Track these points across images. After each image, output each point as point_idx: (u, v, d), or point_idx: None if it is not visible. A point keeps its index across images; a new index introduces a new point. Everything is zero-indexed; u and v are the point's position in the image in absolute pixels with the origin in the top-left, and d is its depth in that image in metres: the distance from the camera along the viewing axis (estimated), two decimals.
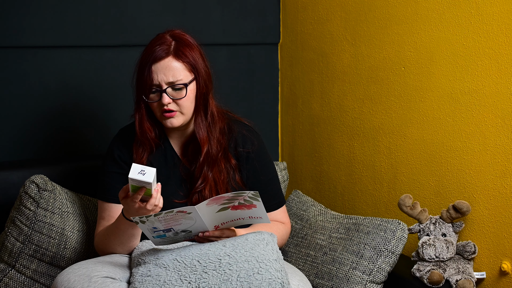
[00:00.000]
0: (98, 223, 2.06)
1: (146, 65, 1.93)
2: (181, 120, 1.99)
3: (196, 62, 1.97)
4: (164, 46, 1.94)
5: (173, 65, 1.94)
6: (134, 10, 2.60)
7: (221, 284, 1.75)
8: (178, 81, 1.94)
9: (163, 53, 1.93)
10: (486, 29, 2.03)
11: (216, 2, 2.76)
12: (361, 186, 2.55)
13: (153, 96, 1.96)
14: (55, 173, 2.28)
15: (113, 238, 1.97)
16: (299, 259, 2.22)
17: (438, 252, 2.09)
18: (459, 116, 2.14)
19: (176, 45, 1.96)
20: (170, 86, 1.94)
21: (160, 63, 1.93)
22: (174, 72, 1.94)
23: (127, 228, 1.93)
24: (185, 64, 1.96)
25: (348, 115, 2.58)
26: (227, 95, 2.19)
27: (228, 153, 2.06)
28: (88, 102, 2.57)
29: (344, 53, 2.57)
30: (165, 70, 1.93)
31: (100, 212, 2.06)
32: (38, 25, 2.44)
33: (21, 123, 2.46)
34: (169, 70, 1.93)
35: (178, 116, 1.98)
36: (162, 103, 1.94)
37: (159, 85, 1.94)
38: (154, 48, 1.94)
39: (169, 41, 1.96)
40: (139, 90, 1.97)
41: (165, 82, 1.93)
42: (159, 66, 1.93)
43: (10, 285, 2.07)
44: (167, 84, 1.94)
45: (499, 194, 2.04)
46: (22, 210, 2.08)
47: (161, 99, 1.94)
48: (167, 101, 1.94)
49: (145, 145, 2.03)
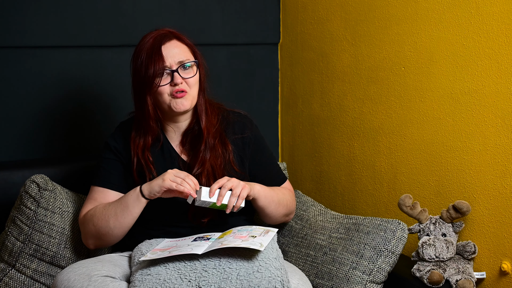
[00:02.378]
0: (88, 203, 2.07)
1: (152, 51, 1.98)
2: (190, 101, 2.03)
3: (194, 47, 2.07)
4: (163, 33, 2.02)
5: (179, 47, 2.02)
6: (134, 10, 2.60)
7: (221, 283, 1.75)
8: (186, 60, 2.01)
9: (167, 36, 2.02)
10: (486, 29, 2.03)
11: (216, 2, 2.76)
12: (361, 186, 2.55)
13: (163, 80, 2.00)
14: (56, 173, 2.29)
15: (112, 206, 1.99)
16: (299, 259, 2.22)
17: (438, 252, 2.09)
18: (459, 116, 2.14)
19: (172, 32, 2.05)
20: (181, 65, 2.00)
21: (167, 44, 2.00)
22: (181, 52, 2.02)
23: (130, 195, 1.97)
24: (188, 47, 2.05)
25: (348, 115, 2.58)
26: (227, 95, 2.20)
27: (225, 139, 2.10)
28: (88, 102, 2.58)
29: (344, 53, 2.57)
30: (174, 51, 2.00)
31: (92, 194, 2.08)
32: (38, 25, 2.44)
33: (21, 123, 2.47)
34: (177, 51, 2.01)
35: (187, 97, 2.02)
36: (175, 82, 1.99)
37: (169, 66, 1.99)
38: (153, 36, 2.01)
39: (165, 30, 2.05)
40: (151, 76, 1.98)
41: (175, 63, 1.99)
42: (168, 47, 2.00)
43: (10, 284, 2.07)
44: (177, 64, 1.99)
45: (499, 194, 2.04)
46: (23, 209, 2.09)
47: (173, 79, 1.99)
48: (180, 80, 1.99)
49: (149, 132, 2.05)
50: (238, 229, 1.91)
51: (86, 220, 2.03)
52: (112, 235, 2.00)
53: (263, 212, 2.11)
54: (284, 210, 2.17)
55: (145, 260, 1.84)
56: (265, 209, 2.10)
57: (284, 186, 2.25)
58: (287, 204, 2.19)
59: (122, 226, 1.99)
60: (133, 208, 1.97)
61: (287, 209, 2.19)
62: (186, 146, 2.09)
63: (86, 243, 2.06)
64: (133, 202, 1.97)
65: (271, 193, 2.11)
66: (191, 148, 2.08)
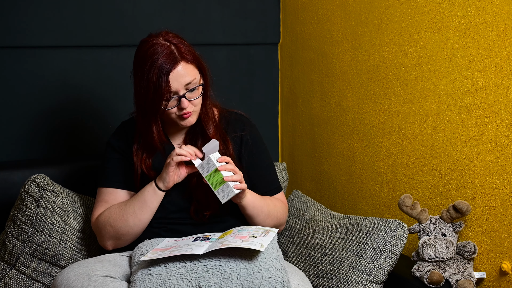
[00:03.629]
0: (99, 206, 2.07)
1: (160, 77, 1.92)
2: (196, 117, 2.03)
3: (197, 57, 2.00)
4: (170, 55, 1.93)
5: (186, 69, 1.95)
6: (134, 10, 2.60)
7: (221, 283, 1.75)
8: (193, 80, 1.96)
9: (174, 60, 1.93)
10: (486, 29, 2.03)
11: (216, 2, 2.76)
12: (361, 186, 2.55)
13: (170, 103, 1.97)
14: (56, 173, 2.29)
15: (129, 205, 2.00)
16: (299, 259, 2.22)
17: (438, 252, 2.09)
18: (459, 116, 2.14)
19: (176, 48, 1.95)
20: (187, 90, 1.96)
21: (175, 71, 1.93)
22: (188, 75, 1.95)
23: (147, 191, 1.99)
24: (193, 64, 1.97)
25: (348, 115, 2.58)
26: (227, 95, 2.20)
27: (225, 136, 2.10)
28: (88, 102, 2.58)
29: (344, 53, 2.57)
30: (181, 77, 1.94)
31: (102, 196, 2.08)
32: (38, 25, 2.44)
33: (21, 123, 2.47)
34: (184, 75, 1.95)
35: (193, 115, 2.02)
36: (181, 107, 1.96)
37: (176, 91, 1.95)
38: (159, 59, 1.92)
39: (167, 46, 1.95)
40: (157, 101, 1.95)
41: (182, 87, 1.95)
42: (175, 74, 1.93)
43: (10, 284, 2.07)
44: (184, 89, 1.95)
45: (499, 194, 2.04)
46: (23, 209, 2.09)
47: (180, 104, 1.96)
48: (187, 104, 1.96)
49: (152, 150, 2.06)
50: (239, 229, 1.91)
51: (102, 223, 2.03)
52: (132, 233, 2.02)
53: (251, 221, 2.09)
54: (274, 222, 2.13)
55: (146, 260, 1.84)
56: (252, 218, 2.07)
57: (278, 197, 2.19)
58: (278, 217, 2.14)
59: (141, 222, 2.01)
60: (152, 203, 2.00)
61: (277, 221, 2.15)
62: (188, 143, 2.09)
63: (104, 245, 2.06)
64: (151, 197, 1.99)
65: (261, 203, 2.07)
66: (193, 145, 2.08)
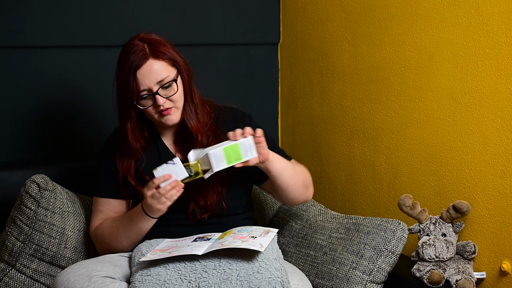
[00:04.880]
0: (95, 217, 2.08)
1: (129, 75, 1.94)
2: (178, 115, 2.02)
3: (173, 55, 2.00)
4: (139, 53, 1.95)
5: (156, 66, 1.96)
6: (134, 10, 2.60)
7: (221, 283, 1.75)
8: (166, 78, 1.96)
9: (142, 58, 1.95)
10: (486, 29, 2.03)
11: (216, 2, 2.76)
12: (361, 186, 2.55)
13: (145, 102, 1.98)
14: (56, 173, 2.29)
15: (123, 230, 1.99)
16: (299, 259, 2.22)
17: (438, 252, 2.09)
18: (459, 116, 2.14)
19: (149, 47, 1.97)
20: (160, 86, 1.96)
21: (143, 67, 1.94)
22: (159, 72, 1.96)
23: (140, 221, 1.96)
24: (166, 61, 1.98)
25: (348, 115, 2.58)
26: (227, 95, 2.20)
27: (220, 135, 2.07)
28: (88, 102, 2.58)
29: (344, 53, 2.57)
30: (150, 73, 1.95)
31: (97, 206, 2.09)
32: (38, 25, 2.44)
33: (21, 123, 2.47)
34: (154, 72, 1.95)
35: (174, 111, 2.00)
36: (157, 104, 1.96)
37: (149, 89, 1.95)
38: (130, 57, 1.95)
39: (141, 45, 1.97)
40: (128, 100, 1.97)
41: (154, 84, 1.95)
42: (143, 71, 1.94)
43: (10, 284, 2.06)
44: (156, 85, 1.95)
45: (499, 194, 2.04)
46: (23, 209, 2.08)
47: (155, 101, 1.96)
48: (162, 101, 1.96)
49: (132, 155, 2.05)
50: (238, 230, 1.91)
51: (98, 238, 2.06)
52: (127, 249, 2.04)
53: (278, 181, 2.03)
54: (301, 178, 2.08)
55: (145, 260, 1.84)
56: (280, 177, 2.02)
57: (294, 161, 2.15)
58: (303, 172, 2.11)
59: (136, 242, 2.02)
60: (146, 228, 1.98)
61: (304, 178, 2.10)
62: (180, 145, 2.09)
63: (100, 253, 2.08)
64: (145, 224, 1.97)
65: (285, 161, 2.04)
66: (185, 147, 2.08)
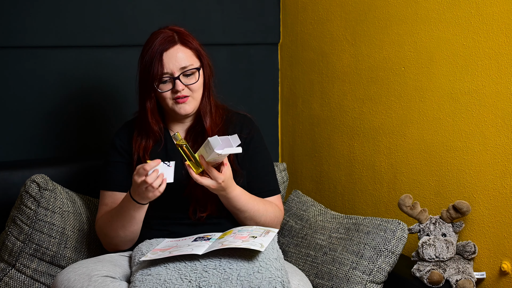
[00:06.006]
0: (101, 210, 2.09)
1: (155, 57, 1.97)
2: (193, 106, 2.04)
3: (199, 48, 2.05)
4: (168, 37, 2.00)
5: (182, 52, 2.00)
6: (134, 10, 2.60)
7: (221, 283, 1.75)
8: (189, 65, 2.00)
9: (171, 42, 1.99)
10: (486, 29, 2.03)
11: (216, 2, 2.76)
12: (361, 186, 2.55)
13: (164, 86, 2.00)
14: (56, 173, 2.29)
15: (116, 219, 1.99)
16: (299, 259, 2.22)
17: (438, 252, 2.09)
18: (459, 116, 2.14)
19: (178, 35, 2.02)
20: (182, 73, 1.99)
21: (170, 51, 1.98)
22: (184, 58, 2.00)
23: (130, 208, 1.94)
24: (192, 51, 2.03)
25: (348, 115, 2.58)
26: (227, 95, 2.20)
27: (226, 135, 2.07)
28: (88, 102, 2.57)
29: (344, 53, 2.57)
30: (176, 57, 1.99)
31: (103, 199, 2.09)
32: (38, 25, 2.44)
33: (21, 123, 2.46)
34: (179, 58, 1.99)
35: (190, 101, 2.03)
36: (176, 89, 1.99)
37: (171, 73, 1.98)
38: (158, 40, 1.99)
39: (170, 32, 2.02)
40: (150, 81, 1.99)
41: (177, 69, 1.98)
42: (169, 55, 1.98)
43: (10, 284, 2.07)
44: (179, 71, 1.99)
45: (499, 194, 2.04)
46: (23, 209, 2.09)
47: (175, 86, 1.99)
48: (181, 87, 1.99)
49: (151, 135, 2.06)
50: (239, 230, 1.91)
51: (99, 230, 2.07)
52: (127, 240, 2.03)
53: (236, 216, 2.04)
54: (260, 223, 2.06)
55: (146, 260, 1.84)
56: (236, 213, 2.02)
57: (272, 199, 2.13)
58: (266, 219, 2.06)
59: (133, 232, 2.01)
60: (139, 215, 1.97)
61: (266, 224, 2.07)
62: (190, 143, 2.09)
63: (106, 248, 2.08)
64: (136, 212, 1.96)
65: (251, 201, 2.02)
66: (194, 146, 2.08)
